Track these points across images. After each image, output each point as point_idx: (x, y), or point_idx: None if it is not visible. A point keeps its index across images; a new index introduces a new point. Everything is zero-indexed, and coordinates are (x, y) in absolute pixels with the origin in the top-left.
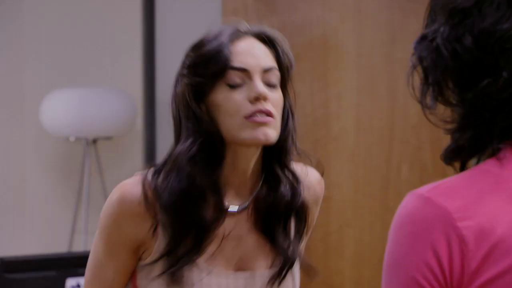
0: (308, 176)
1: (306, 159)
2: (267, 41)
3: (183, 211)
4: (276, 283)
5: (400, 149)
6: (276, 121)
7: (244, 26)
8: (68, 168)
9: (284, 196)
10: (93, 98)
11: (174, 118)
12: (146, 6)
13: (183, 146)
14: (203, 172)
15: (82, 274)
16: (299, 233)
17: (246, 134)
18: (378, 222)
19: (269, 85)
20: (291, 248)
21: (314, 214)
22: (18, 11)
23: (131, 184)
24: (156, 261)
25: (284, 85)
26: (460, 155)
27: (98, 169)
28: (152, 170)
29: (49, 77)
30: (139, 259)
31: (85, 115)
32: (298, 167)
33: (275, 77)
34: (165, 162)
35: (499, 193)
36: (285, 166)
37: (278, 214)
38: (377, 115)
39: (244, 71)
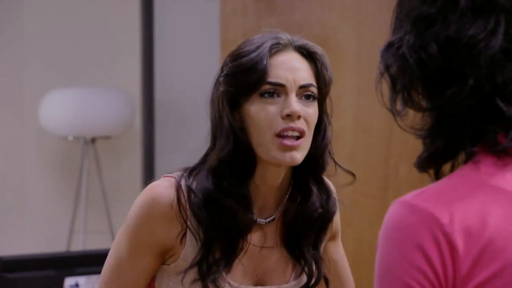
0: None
1: (334, 168)
2: (307, 55)
3: (212, 216)
4: None
5: (399, 149)
6: (306, 141)
7: (285, 37)
8: (67, 168)
9: (317, 210)
10: (92, 97)
11: (211, 122)
12: (145, 6)
13: (215, 152)
14: (232, 179)
15: (81, 274)
16: (321, 246)
17: (274, 154)
18: (377, 221)
19: (306, 100)
20: (318, 264)
21: (338, 222)
22: (18, 11)
23: (163, 187)
24: (189, 269)
25: (321, 99)
26: (433, 162)
27: (96, 168)
28: (185, 173)
29: (48, 77)
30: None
31: (84, 115)
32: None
33: (313, 92)
34: (198, 166)
35: (482, 196)
36: (319, 179)
37: (310, 228)
38: (376, 115)
39: (280, 86)
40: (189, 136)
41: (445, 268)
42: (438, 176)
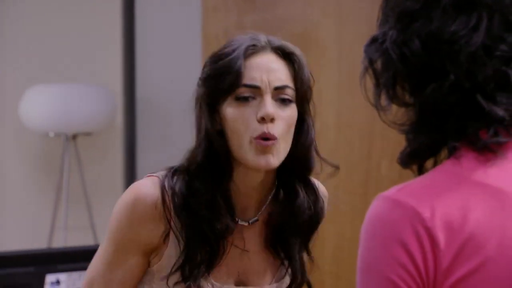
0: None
1: (320, 165)
2: (284, 56)
3: (191, 219)
4: None
5: (380, 145)
6: (281, 143)
7: (263, 39)
8: (48, 164)
9: (304, 211)
10: (73, 93)
11: (196, 122)
12: (126, 2)
13: (191, 153)
14: (206, 183)
15: (62, 271)
16: (306, 247)
17: (249, 157)
18: (358, 217)
19: (282, 102)
20: (302, 267)
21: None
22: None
23: (147, 186)
24: (172, 272)
25: (300, 99)
26: (416, 158)
27: (77, 165)
28: (168, 172)
29: (29, 73)
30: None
31: (65, 111)
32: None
33: (289, 94)
34: (181, 166)
35: (463, 191)
36: (306, 180)
37: (297, 229)
38: (358, 111)
39: (255, 87)
40: (170, 133)
41: (426, 262)
42: (421, 172)
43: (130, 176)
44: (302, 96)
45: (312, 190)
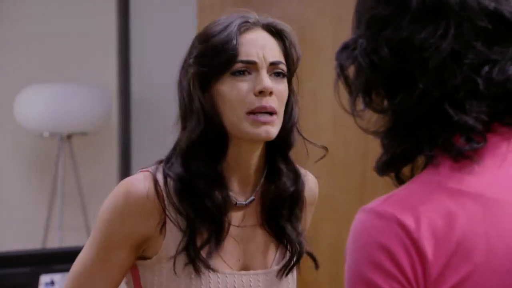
0: (306, 176)
1: (308, 146)
2: (275, 33)
3: (189, 200)
4: (283, 276)
5: (376, 145)
6: (279, 117)
7: (253, 16)
8: (43, 164)
9: (288, 188)
10: (68, 93)
11: (180, 108)
12: (121, 1)
13: (186, 134)
14: (202, 161)
15: (57, 271)
16: (299, 223)
17: (248, 129)
18: (354, 217)
19: (276, 77)
20: (299, 239)
21: (310, 214)
22: None
23: (138, 180)
24: (177, 255)
25: (289, 77)
26: (392, 166)
27: (72, 165)
28: (160, 164)
29: (24, 72)
30: (138, 257)
31: (60, 111)
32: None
33: (282, 69)
34: (172, 153)
35: (445, 199)
36: (287, 159)
37: (283, 206)
38: None
39: (252, 63)
40: (166, 133)
41: (415, 273)
42: (398, 179)
43: (125, 176)
44: (292, 74)
45: (293, 168)
